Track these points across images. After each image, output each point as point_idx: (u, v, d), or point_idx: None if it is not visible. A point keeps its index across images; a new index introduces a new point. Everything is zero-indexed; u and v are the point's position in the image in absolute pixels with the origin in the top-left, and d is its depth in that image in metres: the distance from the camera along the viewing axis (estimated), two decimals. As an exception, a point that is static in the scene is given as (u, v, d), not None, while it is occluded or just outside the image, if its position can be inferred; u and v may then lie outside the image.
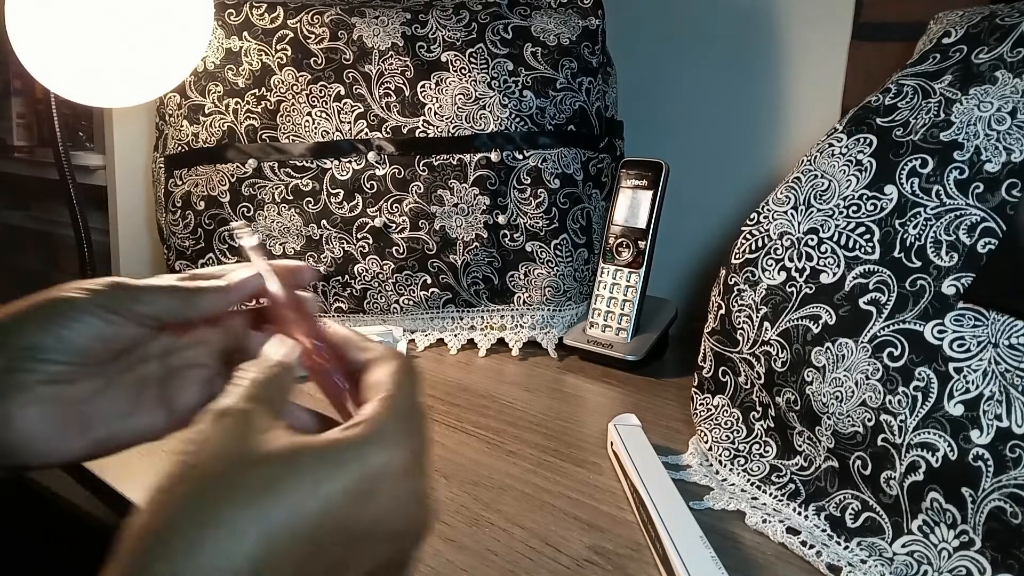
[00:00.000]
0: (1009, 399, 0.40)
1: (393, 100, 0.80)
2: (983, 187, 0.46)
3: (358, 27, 0.81)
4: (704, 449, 0.57)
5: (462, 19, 0.81)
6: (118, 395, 0.37)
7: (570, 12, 0.84)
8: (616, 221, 0.78)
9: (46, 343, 0.34)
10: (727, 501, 0.51)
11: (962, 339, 0.43)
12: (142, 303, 0.36)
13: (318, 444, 0.28)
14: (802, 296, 0.50)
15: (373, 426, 0.29)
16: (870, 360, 0.45)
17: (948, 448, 0.41)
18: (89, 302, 0.35)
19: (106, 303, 0.35)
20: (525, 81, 0.80)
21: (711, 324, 0.57)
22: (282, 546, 0.25)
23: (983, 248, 0.45)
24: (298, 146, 0.80)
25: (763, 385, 0.52)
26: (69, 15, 0.65)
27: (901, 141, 0.51)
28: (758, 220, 0.55)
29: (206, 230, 0.81)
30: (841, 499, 0.46)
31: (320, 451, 0.27)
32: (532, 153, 0.80)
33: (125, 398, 0.37)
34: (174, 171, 0.83)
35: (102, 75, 0.68)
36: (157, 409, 0.38)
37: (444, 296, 0.81)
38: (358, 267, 0.80)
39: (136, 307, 0.36)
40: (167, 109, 0.83)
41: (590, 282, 0.83)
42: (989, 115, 0.48)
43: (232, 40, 0.81)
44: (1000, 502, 0.39)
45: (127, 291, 0.36)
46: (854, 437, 0.45)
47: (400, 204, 0.79)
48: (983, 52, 0.51)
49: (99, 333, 0.35)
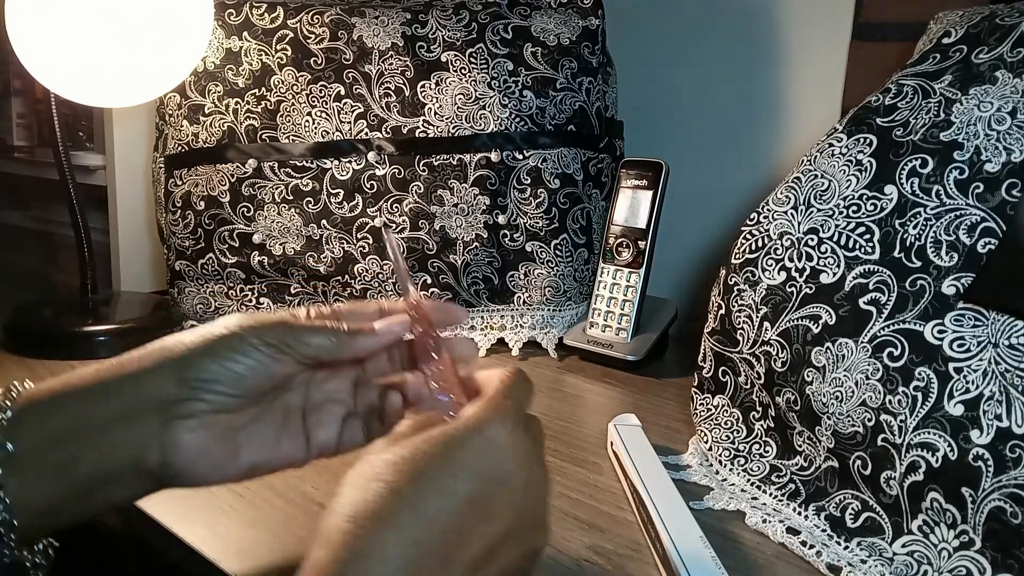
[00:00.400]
0: (1009, 399, 0.40)
1: (393, 100, 0.80)
2: (983, 187, 0.46)
3: (358, 27, 0.81)
4: (704, 449, 0.57)
5: (462, 19, 0.81)
6: (268, 424, 0.41)
7: (570, 12, 0.84)
8: (616, 221, 0.78)
9: (219, 376, 0.37)
10: (727, 501, 0.51)
11: (962, 339, 0.43)
12: (306, 344, 0.39)
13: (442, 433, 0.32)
14: (802, 296, 0.50)
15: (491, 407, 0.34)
16: (870, 360, 0.45)
17: (948, 448, 0.41)
18: (260, 340, 0.38)
19: (275, 342, 0.38)
20: (525, 81, 0.80)
21: (711, 324, 0.57)
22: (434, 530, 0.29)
23: (983, 248, 0.45)
24: (298, 146, 0.80)
25: (763, 385, 0.52)
26: (69, 15, 0.65)
27: (901, 141, 0.51)
28: (758, 220, 0.55)
29: (206, 230, 0.81)
30: (841, 499, 0.46)
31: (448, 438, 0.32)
32: (532, 153, 0.80)
33: (274, 427, 0.41)
34: (174, 171, 0.83)
35: (102, 75, 0.68)
36: (299, 438, 0.42)
37: (444, 296, 0.81)
38: (358, 267, 0.80)
39: (300, 347, 0.39)
40: (167, 109, 0.83)
41: (590, 282, 0.83)
42: (989, 115, 0.48)
43: (232, 40, 0.81)
44: (1000, 502, 0.39)
45: (293, 331, 0.39)
46: (854, 437, 0.45)
47: (400, 204, 0.79)
48: (983, 52, 0.51)
49: (266, 370, 0.38)
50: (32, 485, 0.34)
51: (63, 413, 0.36)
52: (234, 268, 0.81)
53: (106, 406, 0.36)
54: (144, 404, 0.36)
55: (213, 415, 0.37)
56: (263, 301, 0.82)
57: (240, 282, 0.82)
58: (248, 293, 0.82)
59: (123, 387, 0.36)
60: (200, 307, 0.83)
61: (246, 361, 0.37)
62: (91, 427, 0.35)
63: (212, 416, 0.37)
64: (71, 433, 0.35)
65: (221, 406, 0.37)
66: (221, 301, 0.83)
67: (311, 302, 0.82)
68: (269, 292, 0.82)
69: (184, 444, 0.37)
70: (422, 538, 0.29)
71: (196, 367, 0.37)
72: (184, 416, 0.37)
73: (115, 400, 0.36)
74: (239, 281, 0.82)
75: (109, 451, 0.36)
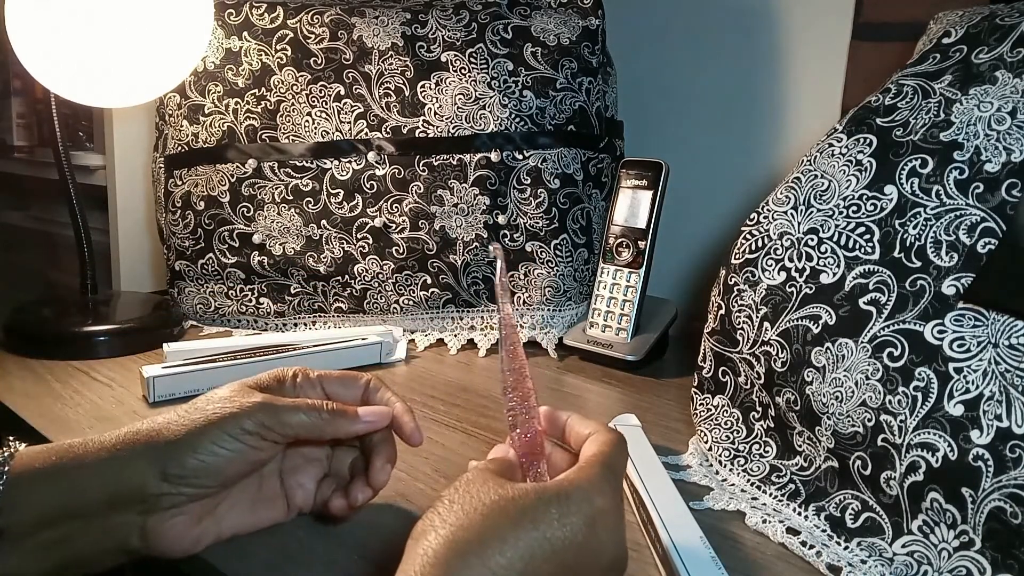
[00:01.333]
0: (1009, 399, 0.40)
1: (393, 100, 0.80)
2: (983, 187, 0.46)
3: (358, 27, 0.81)
4: (704, 449, 0.57)
5: (462, 19, 0.81)
6: (245, 494, 0.43)
7: (570, 12, 0.84)
8: (616, 221, 0.78)
9: (199, 471, 0.39)
10: (727, 501, 0.51)
11: (962, 339, 0.43)
12: (287, 425, 0.41)
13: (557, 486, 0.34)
14: (802, 296, 0.50)
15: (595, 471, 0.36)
16: (870, 360, 0.45)
17: (948, 448, 0.41)
18: (240, 430, 0.40)
19: (255, 429, 0.40)
20: (525, 81, 0.80)
21: (711, 324, 0.57)
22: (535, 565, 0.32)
23: (983, 248, 0.45)
24: (298, 146, 0.80)
25: (763, 385, 0.52)
26: (69, 15, 0.65)
27: (901, 141, 0.51)
28: (758, 220, 0.55)
29: (206, 230, 0.81)
30: (841, 499, 0.46)
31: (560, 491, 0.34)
32: (532, 153, 0.80)
33: (250, 496, 0.43)
34: (174, 171, 0.83)
35: (102, 75, 0.68)
36: (277, 502, 0.45)
37: (444, 296, 0.81)
38: (358, 267, 0.80)
39: (281, 429, 0.41)
40: (167, 109, 0.83)
41: (590, 282, 0.83)
42: (989, 115, 0.48)
43: (232, 40, 0.81)
44: (1000, 502, 0.39)
45: (275, 413, 0.41)
46: (854, 437, 0.45)
47: (400, 204, 0.79)
48: (983, 52, 0.51)
49: (244, 458, 0.40)
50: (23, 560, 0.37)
51: (56, 493, 0.37)
52: (234, 268, 0.81)
53: (94, 490, 0.38)
54: (128, 494, 0.38)
55: (192, 503, 0.40)
56: (263, 301, 0.82)
57: (240, 282, 0.82)
58: (248, 293, 0.82)
59: (109, 473, 0.38)
60: (200, 307, 0.83)
61: (226, 454, 0.39)
62: (81, 510, 0.38)
63: (191, 504, 0.40)
64: (62, 514, 0.37)
65: (201, 495, 0.40)
66: (221, 301, 0.83)
67: (311, 302, 0.82)
68: (269, 292, 0.82)
69: (164, 530, 0.39)
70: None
71: (177, 462, 0.39)
72: (165, 508, 0.39)
73: (102, 485, 0.38)
74: (239, 281, 0.82)
75: (97, 535, 0.38)
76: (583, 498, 0.34)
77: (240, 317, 0.83)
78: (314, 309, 0.83)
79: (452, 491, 0.34)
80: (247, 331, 0.83)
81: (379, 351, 0.75)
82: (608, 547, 0.35)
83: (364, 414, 0.43)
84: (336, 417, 0.42)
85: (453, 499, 0.34)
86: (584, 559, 0.34)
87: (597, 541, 0.34)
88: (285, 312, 0.82)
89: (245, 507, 0.43)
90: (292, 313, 0.82)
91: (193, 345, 0.71)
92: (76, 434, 0.56)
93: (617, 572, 0.36)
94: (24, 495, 0.37)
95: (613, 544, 0.35)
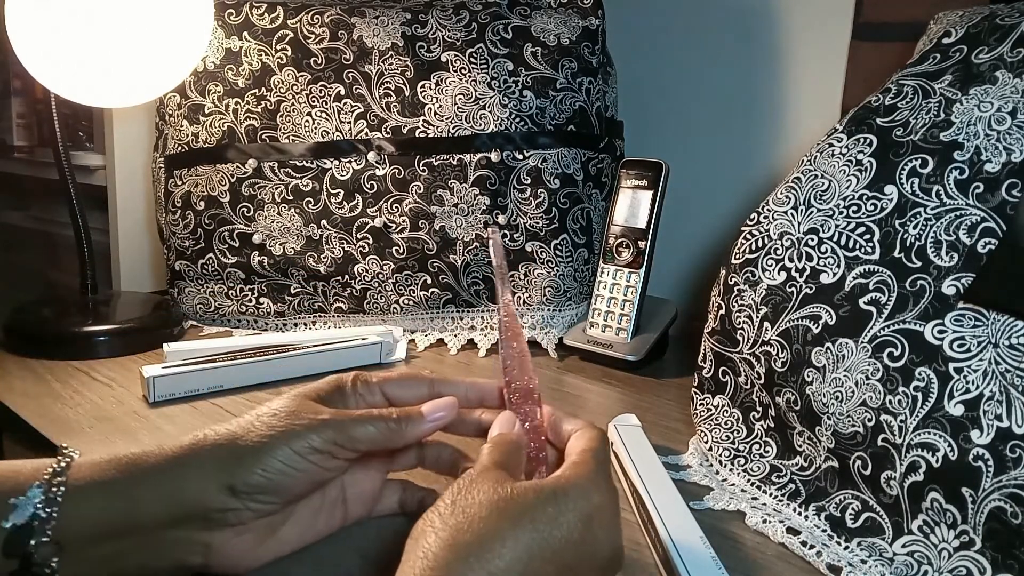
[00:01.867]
0: (1009, 399, 0.40)
1: (393, 100, 0.80)
2: (983, 187, 0.46)
3: (358, 27, 0.81)
4: (704, 449, 0.57)
5: (462, 19, 0.81)
6: (307, 509, 0.42)
7: (570, 12, 0.84)
8: (616, 221, 0.78)
9: (265, 487, 0.37)
10: (727, 501, 0.51)
11: (962, 339, 0.43)
12: (356, 440, 0.39)
13: (555, 484, 0.35)
14: (802, 296, 0.50)
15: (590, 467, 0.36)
16: (870, 360, 0.45)
17: (948, 448, 0.41)
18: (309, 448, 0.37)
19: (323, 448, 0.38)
20: (525, 81, 0.80)
21: (711, 324, 0.57)
22: (534, 567, 0.32)
23: (983, 248, 0.45)
24: (298, 146, 0.80)
25: (763, 385, 0.52)
26: (69, 15, 0.65)
27: (901, 141, 0.51)
28: (758, 220, 0.55)
29: (206, 230, 0.81)
30: (841, 499, 0.46)
31: (558, 488, 0.34)
32: (532, 153, 0.80)
33: (312, 510, 0.42)
34: (174, 171, 0.83)
35: (102, 75, 0.68)
36: (336, 514, 0.43)
37: (444, 296, 0.81)
38: (358, 267, 0.80)
39: (350, 445, 0.39)
40: (167, 109, 0.83)
41: (590, 282, 0.83)
42: (989, 115, 0.48)
43: (232, 40, 0.81)
44: (1000, 502, 0.39)
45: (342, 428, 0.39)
46: (854, 437, 0.45)
47: (400, 204, 0.79)
48: (983, 52, 0.51)
49: (311, 477, 0.38)
50: (80, 574, 0.35)
51: (113, 507, 0.36)
52: (234, 268, 0.81)
53: (154, 503, 0.36)
54: (189, 508, 0.36)
55: (258, 519, 0.38)
56: (263, 301, 0.82)
57: (240, 282, 0.82)
58: (248, 293, 0.82)
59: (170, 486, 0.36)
60: (200, 307, 0.83)
61: (293, 472, 0.37)
62: (139, 526, 0.36)
63: (258, 520, 0.38)
64: (119, 529, 0.36)
65: (267, 511, 0.38)
66: (221, 301, 0.83)
67: (311, 302, 0.82)
68: (269, 292, 0.82)
69: (227, 547, 0.38)
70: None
71: (242, 478, 0.37)
72: (231, 524, 0.37)
73: (161, 499, 0.36)
74: (239, 281, 0.82)
75: (154, 551, 0.36)
76: (580, 495, 0.34)
77: (240, 317, 0.83)
78: (314, 309, 0.82)
79: (454, 491, 0.34)
80: (247, 331, 0.83)
81: (379, 351, 0.75)
82: (604, 544, 0.35)
83: (428, 411, 0.41)
84: (403, 423, 0.40)
85: (455, 499, 0.33)
86: (582, 556, 0.34)
87: (593, 538, 0.34)
88: (285, 312, 0.82)
89: (306, 522, 0.42)
90: (292, 313, 0.82)
91: (193, 345, 0.71)
92: (76, 434, 0.56)
93: (614, 567, 0.36)
94: (80, 508, 0.35)
95: (609, 540, 0.35)
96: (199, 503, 0.36)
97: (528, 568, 0.32)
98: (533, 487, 0.34)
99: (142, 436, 0.57)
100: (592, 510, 0.34)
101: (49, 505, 0.34)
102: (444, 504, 0.33)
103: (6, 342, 0.75)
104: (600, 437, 0.39)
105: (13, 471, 0.36)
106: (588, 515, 0.34)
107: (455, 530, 0.32)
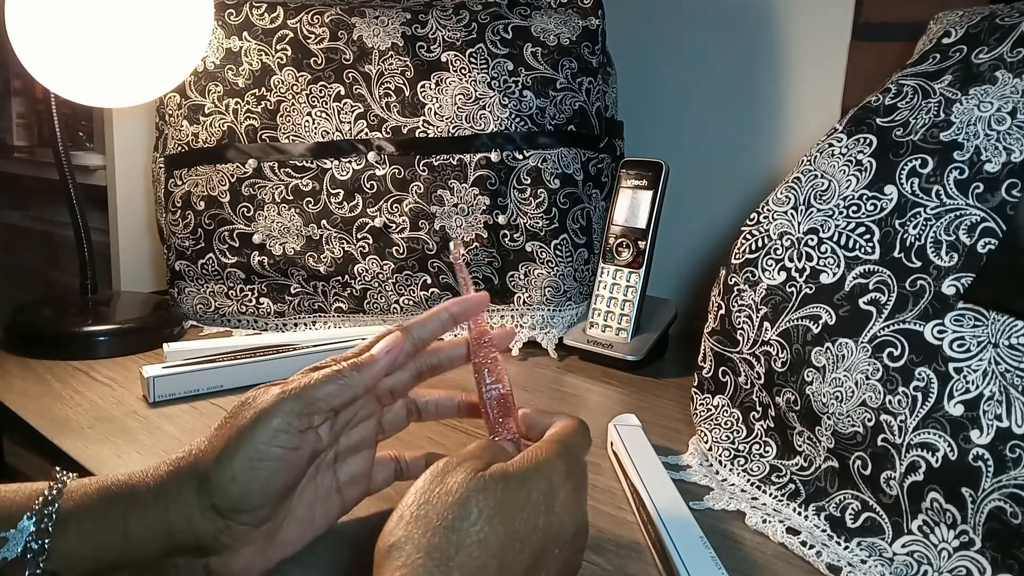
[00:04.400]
0: (1009, 399, 0.40)
1: (393, 100, 0.80)
2: (983, 187, 0.46)
3: (358, 27, 0.81)
4: (704, 449, 0.57)
5: (462, 19, 0.81)
6: (301, 508, 0.41)
7: (570, 12, 0.84)
8: (616, 221, 0.78)
9: (244, 496, 0.36)
10: (727, 501, 0.51)
11: (962, 339, 0.43)
12: (317, 404, 0.37)
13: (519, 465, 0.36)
14: (802, 296, 0.50)
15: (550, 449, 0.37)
16: (870, 360, 0.45)
17: (948, 448, 0.41)
18: (270, 433, 0.36)
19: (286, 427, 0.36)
20: (525, 81, 0.80)
21: (711, 324, 0.57)
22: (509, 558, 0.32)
23: (983, 248, 0.45)
24: (298, 146, 0.80)
25: (763, 385, 0.52)
26: (69, 15, 0.65)
27: (901, 141, 0.51)
28: (758, 220, 0.55)
29: (206, 230, 0.81)
30: (841, 499, 0.46)
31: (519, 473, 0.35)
32: (532, 153, 0.80)
33: (306, 508, 0.41)
34: (174, 171, 0.83)
35: (102, 75, 0.68)
36: (331, 504, 0.43)
37: (444, 296, 0.81)
38: (358, 267, 0.80)
39: (311, 409, 0.37)
40: (167, 109, 0.83)
41: (590, 282, 0.83)
42: (989, 115, 0.48)
43: (232, 40, 0.81)
44: (1000, 502, 0.39)
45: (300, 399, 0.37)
46: (854, 437, 0.45)
47: (400, 204, 0.79)
48: (983, 52, 0.51)
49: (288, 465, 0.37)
50: None
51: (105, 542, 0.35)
52: (234, 268, 0.81)
53: (145, 540, 0.35)
54: (180, 540, 0.35)
55: (254, 529, 0.37)
56: (263, 301, 0.82)
57: (240, 282, 0.82)
58: (248, 293, 0.82)
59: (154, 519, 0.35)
60: (200, 307, 0.83)
61: (267, 467, 0.36)
62: (133, 559, 0.35)
63: (254, 531, 0.37)
64: (114, 561, 0.35)
65: (258, 522, 0.37)
66: (221, 301, 0.83)
67: (311, 302, 0.82)
68: (269, 292, 0.82)
69: (229, 565, 0.37)
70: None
71: (220, 494, 0.35)
72: (225, 546, 0.36)
73: (152, 533, 0.35)
74: (239, 281, 0.82)
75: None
76: (541, 477, 0.35)
77: (240, 317, 0.83)
78: (314, 309, 0.83)
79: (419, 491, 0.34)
80: (247, 331, 0.83)
81: (379, 351, 0.74)
82: (567, 523, 0.36)
83: (378, 351, 0.40)
84: (358, 368, 0.39)
85: (421, 500, 0.33)
86: (548, 539, 0.35)
87: (556, 517, 0.35)
88: (285, 312, 0.82)
89: (304, 516, 0.41)
90: (292, 313, 0.82)
91: (193, 345, 0.71)
92: (76, 434, 0.56)
93: (579, 542, 0.37)
94: (72, 540, 0.34)
95: (571, 518, 0.36)
96: (189, 534, 0.35)
97: (503, 565, 0.32)
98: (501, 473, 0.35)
99: (142, 436, 0.57)
100: (551, 490, 0.35)
101: (41, 537, 0.34)
102: (411, 509, 0.33)
103: (6, 342, 0.75)
104: (573, 426, 0.40)
105: (6, 501, 0.35)
106: (548, 495, 0.35)
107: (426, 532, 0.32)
